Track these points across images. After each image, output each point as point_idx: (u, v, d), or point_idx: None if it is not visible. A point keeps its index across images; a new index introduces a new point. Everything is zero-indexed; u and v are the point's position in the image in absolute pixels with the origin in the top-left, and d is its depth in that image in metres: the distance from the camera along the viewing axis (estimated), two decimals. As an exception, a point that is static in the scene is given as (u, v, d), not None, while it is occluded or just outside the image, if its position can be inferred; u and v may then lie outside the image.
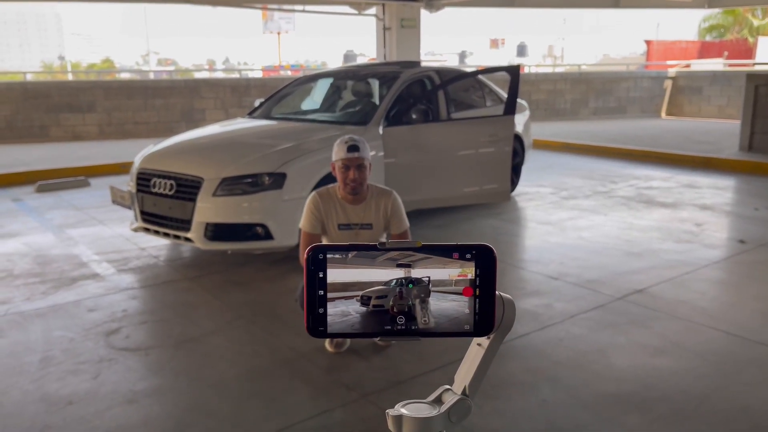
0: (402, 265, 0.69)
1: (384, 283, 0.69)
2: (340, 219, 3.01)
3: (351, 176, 2.93)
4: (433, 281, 0.69)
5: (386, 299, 0.69)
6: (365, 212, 3.03)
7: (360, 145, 2.95)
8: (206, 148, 5.01)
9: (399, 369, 2.94)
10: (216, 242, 4.26)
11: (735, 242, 4.91)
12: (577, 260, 4.49)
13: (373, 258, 0.69)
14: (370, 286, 0.69)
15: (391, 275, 0.69)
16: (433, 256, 0.69)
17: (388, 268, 0.69)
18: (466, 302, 0.69)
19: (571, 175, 7.85)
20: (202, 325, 3.53)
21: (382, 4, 13.30)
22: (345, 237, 3.00)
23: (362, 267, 0.69)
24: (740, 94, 9.34)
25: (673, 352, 3.06)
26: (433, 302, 0.69)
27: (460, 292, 0.70)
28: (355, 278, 0.69)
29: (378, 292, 0.69)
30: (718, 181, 7.43)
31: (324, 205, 3.03)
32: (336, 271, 0.68)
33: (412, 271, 0.69)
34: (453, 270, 0.69)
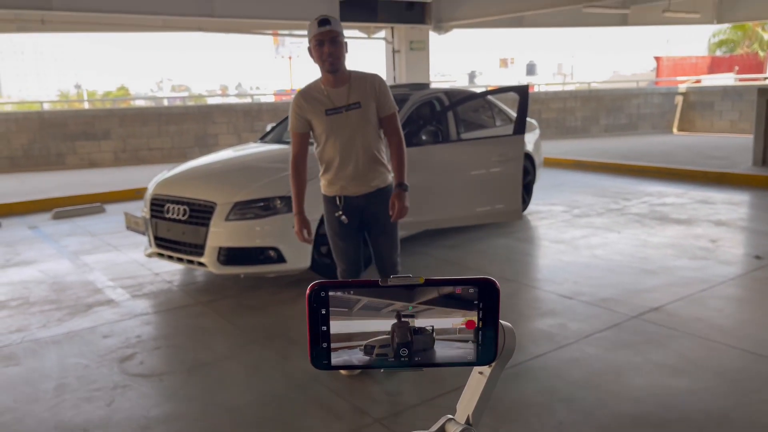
0: (405, 315, 0.69)
1: (384, 340, 0.70)
2: (326, 105, 2.92)
3: (327, 51, 2.81)
4: (437, 330, 0.70)
5: (389, 348, 0.70)
6: (350, 93, 2.91)
7: (331, 20, 2.83)
8: (219, 173, 5.06)
9: (412, 392, 2.92)
10: (229, 266, 4.29)
11: (751, 258, 4.85)
12: (591, 279, 4.45)
13: (378, 309, 0.69)
14: (374, 335, 0.70)
15: (393, 327, 0.70)
16: (436, 307, 0.69)
17: (391, 318, 0.70)
18: (469, 334, 0.70)
19: (583, 192, 7.82)
20: (216, 349, 3.53)
21: (391, 28, 13.46)
22: (335, 121, 2.91)
23: (366, 318, 0.69)
24: (752, 108, 9.29)
25: (691, 371, 3.02)
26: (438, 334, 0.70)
27: (465, 339, 0.71)
28: (358, 329, 0.69)
29: (382, 342, 0.70)
30: (732, 197, 7.36)
31: (306, 101, 2.95)
32: (340, 323, 0.69)
33: (416, 321, 0.70)
34: (456, 319, 0.70)
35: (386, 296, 0.70)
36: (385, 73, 14.43)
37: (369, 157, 2.97)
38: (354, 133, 2.93)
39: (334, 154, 2.97)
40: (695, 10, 13.85)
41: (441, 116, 5.71)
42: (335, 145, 2.95)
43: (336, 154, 2.96)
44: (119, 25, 11.45)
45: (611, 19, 14.31)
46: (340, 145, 2.94)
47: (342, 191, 3.01)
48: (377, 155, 3.01)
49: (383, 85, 2.99)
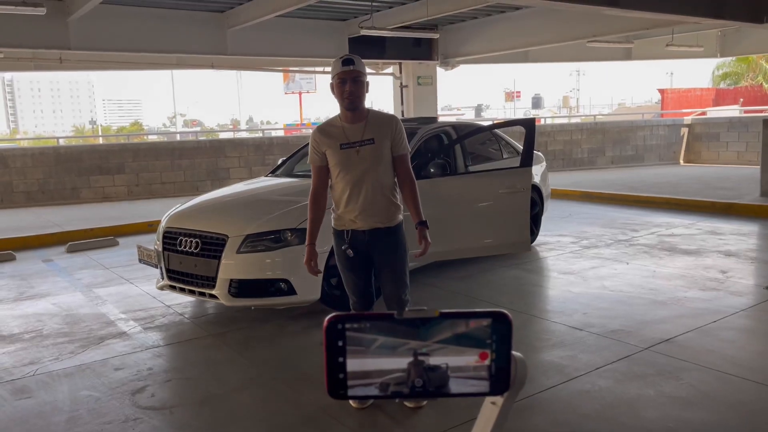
0: (420, 354, 0.71)
1: (400, 370, 0.71)
2: (340, 140, 2.98)
3: (348, 89, 2.89)
4: (451, 368, 0.72)
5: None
6: (366, 130, 2.98)
7: (355, 60, 2.92)
8: (230, 206, 5.13)
9: (424, 425, 2.92)
10: (240, 298, 4.32)
11: (762, 289, 4.83)
12: (601, 310, 4.45)
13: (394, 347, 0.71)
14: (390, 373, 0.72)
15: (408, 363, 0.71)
16: (450, 342, 0.71)
17: (406, 356, 0.71)
18: (483, 365, 0.72)
19: (591, 223, 7.83)
20: (227, 382, 3.54)
21: (399, 64, 13.69)
22: (347, 155, 2.96)
23: (382, 357, 0.71)
24: (758, 139, 9.34)
25: (704, 404, 3.00)
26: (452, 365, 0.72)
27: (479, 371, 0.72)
28: (375, 367, 0.71)
29: (397, 380, 0.72)
30: (740, 227, 7.35)
31: (323, 135, 3.02)
32: (357, 361, 0.71)
33: (430, 359, 0.72)
34: (470, 354, 0.72)
35: (402, 331, 0.71)
36: (393, 107, 14.62)
37: (378, 193, 3.01)
38: (365, 168, 2.98)
39: (344, 188, 3.01)
40: (698, 44, 14.02)
41: (449, 149, 5.79)
42: (345, 179, 3.00)
43: (346, 188, 3.01)
44: (135, 64, 11.73)
45: (615, 54, 14.50)
46: (351, 180, 2.99)
47: (350, 225, 3.05)
48: (387, 193, 3.05)
49: (399, 125, 3.07)
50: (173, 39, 10.02)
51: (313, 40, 11.57)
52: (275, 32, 10.96)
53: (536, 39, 11.76)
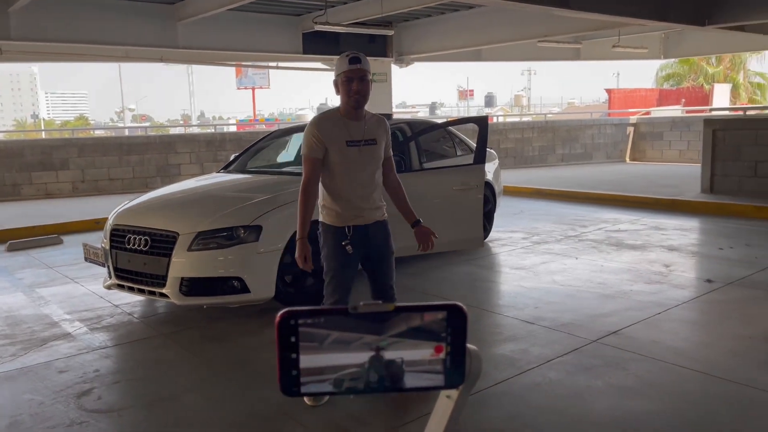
0: (375, 348, 0.71)
1: (357, 366, 0.71)
2: (345, 136, 2.96)
3: (355, 88, 2.89)
4: (406, 362, 0.71)
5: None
6: (367, 129, 3.01)
7: (361, 58, 2.92)
8: (181, 203, 5.02)
9: (380, 420, 2.92)
10: (192, 297, 4.23)
11: (702, 282, 5.03)
12: (552, 304, 4.55)
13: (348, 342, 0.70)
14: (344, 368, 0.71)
15: (362, 358, 0.71)
16: (405, 336, 0.71)
17: (361, 351, 0.71)
18: (438, 358, 0.72)
19: (542, 220, 8.00)
20: (178, 382, 3.47)
21: (353, 59, 13.64)
22: (353, 153, 2.96)
23: (336, 352, 0.70)
24: (699, 138, 9.73)
25: (650, 394, 3.10)
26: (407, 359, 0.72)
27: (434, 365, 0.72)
28: (329, 363, 0.70)
29: (351, 375, 0.71)
30: (683, 223, 7.65)
31: (326, 128, 2.97)
32: (310, 357, 0.70)
33: (385, 354, 0.71)
34: (425, 347, 0.71)
35: (356, 326, 0.70)
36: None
37: (375, 190, 3.09)
38: (367, 166, 3.02)
39: (349, 184, 3.00)
40: (643, 46, 14.49)
41: (404, 146, 5.81)
42: (350, 176, 3.00)
43: (350, 185, 3.00)
44: (80, 55, 11.33)
45: (565, 54, 14.85)
46: (356, 177, 3.00)
47: (352, 221, 3.02)
48: (378, 190, 3.14)
49: (387, 129, 3.15)
50: (120, 31, 9.72)
51: (266, 35, 11.42)
52: (228, 26, 10.77)
53: (489, 38, 11.93)
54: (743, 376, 3.22)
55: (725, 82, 24.97)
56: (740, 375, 3.25)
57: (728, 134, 9.08)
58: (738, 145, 8.93)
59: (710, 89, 23.69)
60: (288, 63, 14.24)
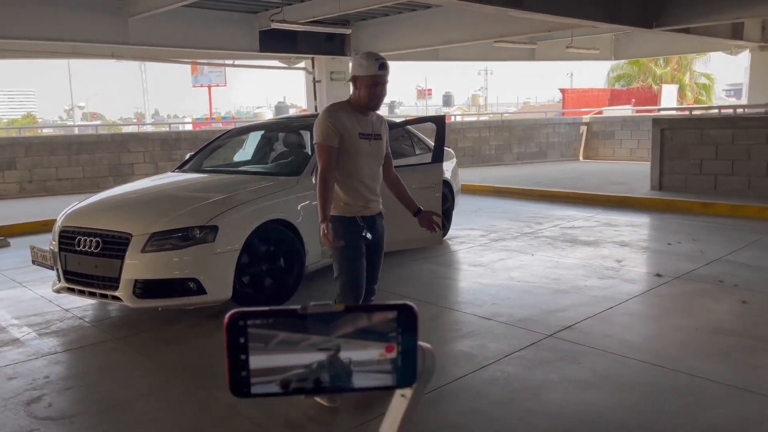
0: (323, 348, 0.70)
1: (304, 366, 0.70)
2: (357, 128, 3.07)
3: (378, 92, 3.02)
4: (357, 362, 0.71)
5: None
6: (374, 124, 3.15)
7: (387, 64, 3.06)
8: (134, 203, 4.90)
9: (336, 421, 2.92)
10: (146, 299, 4.14)
11: (652, 276, 5.19)
12: (509, 300, 4.62)
13: (297, 342, 0.70)
14: (293, 368, 0.70)
15: (311, 359, 0.70)
16: (356, 335, 0.71)
17: (311, 351, 0.70)
18: (389, 358, 0.72)
19: (499, 217, 8.12)
20: (133, 387, 3.39)
21: (312, 58, 13.59)
22: (366, 145, 3.08)
23: (286, 353, 0.70)
24: (649, 137, 10.03)
25: (603, 386, 3.19)
26: (358, 359, 0.72)
27: (385, 364, 0.72)
28: (278, 363, 0.69)
29: (301, 376, 0.70)
30: (634, 219, 7.88)
31: (339, 119, 3.04)
32: (259, 358, 0.69)
33: (335, 354, 0.70)
34: (376, 347, 0.71)
35: (305, 326, 0.70)
36: (306, 102, 14.49)
37: (379, 183, 3.23)
38: (375, 159, 3.16)
39: (361, 175, 3.10)
40: (595, 47, 14.87)
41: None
42: (363, 167, 3.10)
43: (361, 176, 3.09)
44: (26, 51, 10.93)
45: (520, 54, 15.12)
46: (368, 169, 3.12)
47: (361, 212, 3.12)
48: (380, 183, 3.26)
49: (387, 127, 3.30)
50: (68, 26, 9.43)
51: (222, 32, 11.25)
52: (182, 22, 10.56)
53: (446, 38, 12.04)
54: (691, 367, 3.35)
55: (672, 83, 25.82)
56: (688, 365, 3.37)
57: (675, 133, 9.40)
58: (685, 143, 9.25)
59: (658, 90, 24.46)
60: (245, 61, 14.07)
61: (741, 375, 3.25)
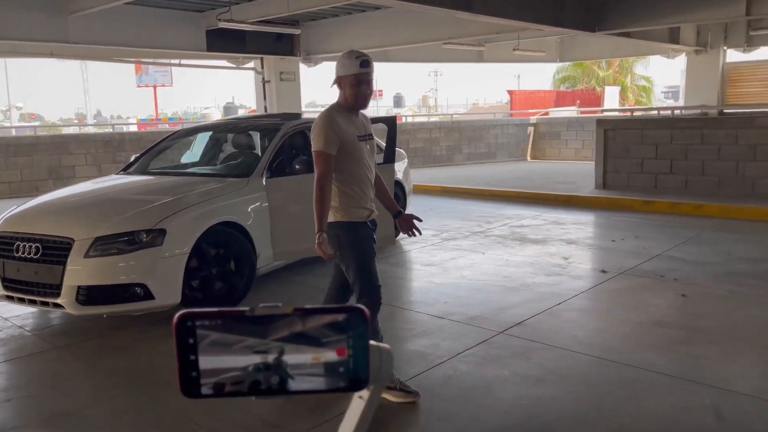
0: (275, 350, 0.70)
1: (240, 369, 0.70)
2: (354, 131, 3.00)
3: (363, 91, 2.95)
4: (308, 365, 0.71)
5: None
6: (365, 125, 3.11)
7: (370, 61, 2.97)
8: (76, 206, 4.73)
9: (294, 425, 2.89)
10: (90, 306, 4.00)
11: (598, 272, 5.36)
12: (461, 299, 4.68)
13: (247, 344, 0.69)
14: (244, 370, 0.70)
15: (261, 360, 0.70)
16: (306, 337, 0.70)
17: (262, 353, 0.70)
18: (340, 361, 0.72)
19: (450, 217, 8.22)
20: (77, 397, 3.27)
21: (261, 58, 13.43)
22: (362, 148, 3.01)
23: (236, 354, 0.69)
24: (593, 137, 10.33)
25: (552, 380, 3.27)
26: (308, 361, 0.71)
27: (336, 366, 0.71)
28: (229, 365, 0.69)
29: (253, 377, 0.70)
30: (579, 217, 8.10)
31: (339, 124, 2.94)
32: (209, 359, 0.69)
33: (286, 357, 0.70)
34: (327, 353, 0.71)
35: (255, 328, 0.69)
36: (255, 102, 14.30)
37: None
38: (372, 160, 3.11)
39: (366, 178, 3.03)
40: (541, 49, 15.23)
41: (313, 146, 5.76)
42: (362, 169, 3.01)
43: (363, 180, 3.02)
44: (-45, 48, 10.42)
45: (469, 56, 15.33)
46: (369, 171, 3.06)
47: (370, 215, 3.07)
48: None
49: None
50: (4, 23, 9.02)
51: (167, 31, 10.99)
52: (124, 20, 10.26)
53: (395, 39, 12.10)
54: (635, 359, 3.47)
55: (615, 85, 26.70)
56: (633, 358, 3.49)
57: (618, 133, 9.72)
58: (626, 143, 9.58)
59: (601, 91, 25.25)
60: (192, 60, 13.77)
61: (681, 365, 3.39)
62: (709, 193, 8.64)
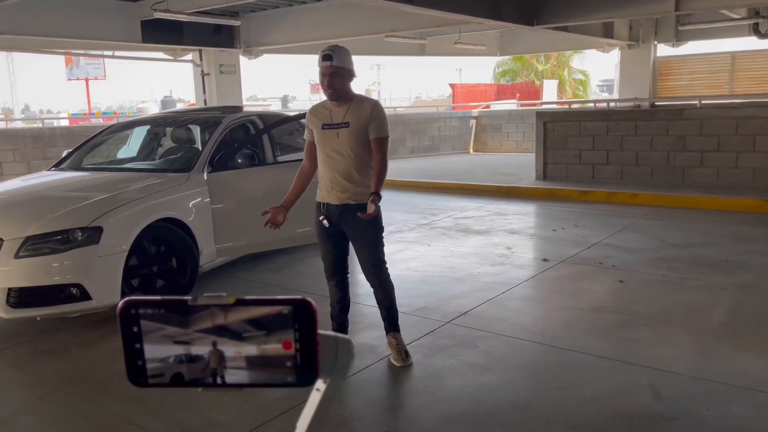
0: (216, 341, 0.69)
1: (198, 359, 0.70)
2: (325, 120, 3.26)
3: (326, 83, 3.15)
4: (254, 357, 0.69)
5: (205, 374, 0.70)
6: (347, 113, 3.23)
7: (334, 54, 3.14)
8: (5, 205, 4.49)
9: (237, 421, 2.84)
10: (22, 309, 3.81)
11: (540, 261, 5.49)
12: (408, 290, 4.70)
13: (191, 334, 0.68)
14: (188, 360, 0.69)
15: (205, 351, 0.69)
16: (250, 329, 0.68)
17: (205, 344, 0.69)
18: (287, 354, 0.70)
19: (395, 209, 8.25)
20: (10, 403, 3.11)
21: (199, 50, 13.08)
22: (327, 135, 3.25)
23: (180, 344, 0.69)
24: (533, 129, 10.57)
25: (498, 368, 3.33)
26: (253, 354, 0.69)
27: (283, 360, 0.69)
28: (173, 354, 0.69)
29: (198, 368, 0.69)
30: (521, 208, 8.29)
31: (312, 114, 3.34)
32: (154, 347, 0.68)
33: (231, 348, 0.69)
34: (273, 346, 0.69)
35: (198, 318, 0.68)
36: (194, 95, 13.95)
37: (351, 173, 3.26)
38: (341, 149, 3.23)
39: (322, 164, 3.32)
40: (482, 43, 15.45)
41: (256, 139, 5.67)
42: (322, 156, 3.30)
43: (323, 165, 3.31)
44: None
45: (411, 49, 15.39)
46: (327, 158, 3.27)
47: (325, 198, 3.35)
48: (359, 174, 3.28)
49: (377, 110, 3.29)
50: None
51: (99, 22, 10.54)
52: (51, 10, 9.78)
53: (337, 31, 12.00)
54: (576, 344, 3.57)
55: (553, 79, 27.41)
56: (573, 342, 3.60)
57: (557, 126, 9.98)
58: (565, 135, 9.85)
59: (540, 85, 25.87)
60: (126, 52, 13.29)
61: (619, 348, 3.52)
62: (642, 183, 8.99)
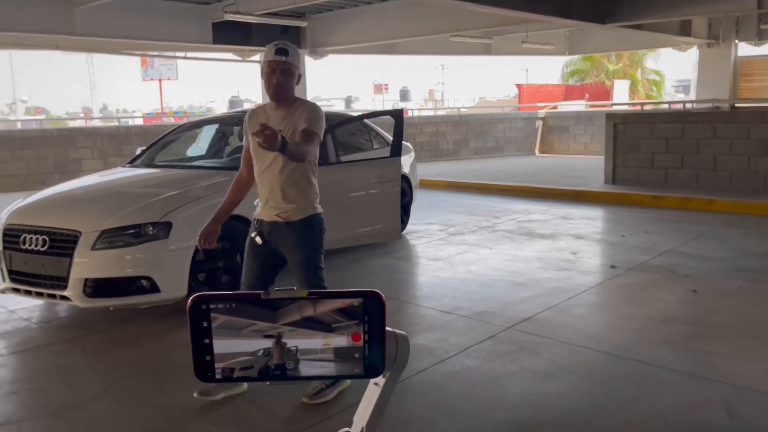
0: (286, 335, 0.68)
1: (249, 354, 0.69)
2: (255, 127, 2.75)
3: (275, 80, 2.80)
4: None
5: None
6: (285, 119, 2.88)
7: (290, 50, 2.82)
8: (83, 199, 4.73)
9: (299, 417, 2.87)
10: (97, 299, 4.00)
11: (607, 268, 5.31)
12: (468, 293, 4.65)
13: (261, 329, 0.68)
14: (257, 354, 0.69)
15: (275, 345, 0.69)
16: (320, 323, 0.68)
17: (275, 337, 0.69)
18: (355, 347, 0.69)
19: (457, 212, 8.17)
20: (84, 390, 3.26)
21: (267, 51, 13.37)
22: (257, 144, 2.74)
23: (250, 338, 0.68)
24: (602, 131, 10.25)
25: (560, 376, 3.23)
26: (322, 346, 0.69)
27: (351, 352, 0.69)
28: (243, 348, 0.69)
29: (267, 361, 0.69)
30: (588, 212, 8.04)
31: (250, 119, 2.99)
32: (223, 342, 0.68)
33: (301, 341, 0.69)
34: (342, 338, 0.69)
35: (269, 312, 0.68)
36: (261, 96, 14.27)
37: (284, 187, 2.89)
38: (273, 159, 2.85)
39: (256, 177, 3.00)
40: (550, 43, 15.11)
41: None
42: (255, 168, 2.98)
43: (257, 178, 2.99)
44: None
45: (476, 48, 15.23)
46: (259, 169, 2.95)
47: (259, 214, 3.02)
48: (294, 187, 2.91)
49: (312, 110, 2.92)
50: (10, 15, 9.02)
51: (173, 24, 10.96)
52: (130, 13, 10.24)
53: (402, 31, 12.03)
54: (644, 355, 3.43)
55: (624, 79, 26.51)
56: (641, 354, 3.45)
57: (628, 128, 9.63)
58: (636, 138, 9.49)
59: (611, 85, 25.07)
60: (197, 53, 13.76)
61: (691, 361, 3.35)
62: (720, 188, 8.55)
